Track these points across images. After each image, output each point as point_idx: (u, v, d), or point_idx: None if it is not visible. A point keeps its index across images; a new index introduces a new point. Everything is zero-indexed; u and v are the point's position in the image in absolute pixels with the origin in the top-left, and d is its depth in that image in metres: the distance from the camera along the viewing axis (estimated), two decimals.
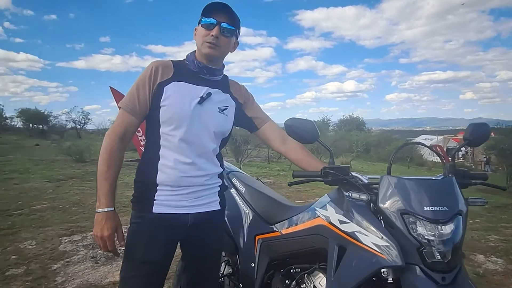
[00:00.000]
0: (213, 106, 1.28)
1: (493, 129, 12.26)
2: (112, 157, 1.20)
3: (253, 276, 1.49)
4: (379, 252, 1.01)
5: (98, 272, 2.85)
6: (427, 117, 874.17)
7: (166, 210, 1.22)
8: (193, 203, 1.25)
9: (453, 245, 0.98)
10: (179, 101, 1.21)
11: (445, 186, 1.08)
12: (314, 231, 1.27)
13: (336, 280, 1.10)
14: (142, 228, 1.22)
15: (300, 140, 1.28)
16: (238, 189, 1.73)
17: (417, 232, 0.99)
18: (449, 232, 0.98)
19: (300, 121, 1.27)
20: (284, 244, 1.41)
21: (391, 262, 0.98)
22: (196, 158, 1.24)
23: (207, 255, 1.34)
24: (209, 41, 1.22)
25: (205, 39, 1.23)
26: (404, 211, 1.01)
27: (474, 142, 1.27)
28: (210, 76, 1.29)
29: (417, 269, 0.97)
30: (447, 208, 1.00)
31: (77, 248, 3.37)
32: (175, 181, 1.22)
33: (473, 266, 3.22)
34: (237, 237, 1.62)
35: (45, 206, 5.01)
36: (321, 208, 1.27)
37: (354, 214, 1.12)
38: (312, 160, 1.40)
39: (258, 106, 1.46)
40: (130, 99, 1.23)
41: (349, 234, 1.10)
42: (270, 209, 1.56)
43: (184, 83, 1.24)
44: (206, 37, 1.23)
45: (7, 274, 2.74)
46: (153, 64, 1.25)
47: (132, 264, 1.21)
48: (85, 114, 27.42)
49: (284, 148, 1.43)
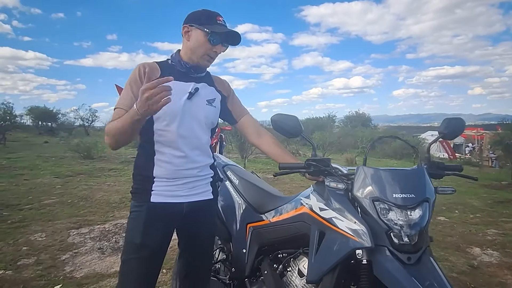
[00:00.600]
0: (202, 100, 1.38)
1: (499, 125, 12.13)
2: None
3: (244, 261, 1.60)
4: (352, 235, 1.11)
5: (104, 262, 2.99)
6: (434, 113, 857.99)
7: (162, 200, 1.32)
8: (187, 192, 1.36)
9: (419, 229, 1.07)
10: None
11: (415, 176, 1.17)
12: (299, 218, 1.37)
13: (316, 262, 1.20)
14: (141, 215, 1.32)
15: (285, 135, 1.38)
16: (232, 181, 1.84)
17: (387, 217, 1.09)
18: (416, 217, 1.07)
19: (285, 116, 1.37)
20: (272, 231, 1.51)
21: (362, 244, 1.08)
22: (189, 151, 1.34)
23: (201, 240, 1.45)
24: (211, 56, 1.34)
25: (208, 53, 1.33)
26: (375, 198, 1.11)
27: (448, 135, 1.35)
28: (197, 74, 1.39)
29: (386, 250, 1.07)
30: (414, 195, 1.09)
31: (84, 240, 3.52)
32: (170, 174, 1.32)
33: (468, 259, 3.28)
34: (230, 226, 1.73)
35: (54, 201, 5.19)
36: (305, 198, 1.37)
37: (333, 202, 1.22)
38: (283, 153, 1.49)
39: (238, 100, 1.55)
40: (126, 98, 1.29)
41: (328, 220, 1.20)
42: (261, 200, 1.66)
43: (172, 81, 1.33)
44: (210, 51, 1.33)
45: (19, 263, 2.90)
46: (140, 65, 1.32)
47: (133, 247, 1.31)
48: (93, 112, 27.75)
49: (258, 141, 1.52)
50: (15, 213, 4.43)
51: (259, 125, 1.56)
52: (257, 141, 1.53)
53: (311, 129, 17.78)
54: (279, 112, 1.39)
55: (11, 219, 4.17)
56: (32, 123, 26.10)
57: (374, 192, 1.11)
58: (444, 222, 4.59)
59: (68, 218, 4.28)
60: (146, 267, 1.31)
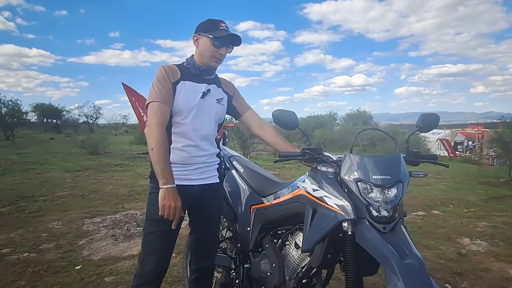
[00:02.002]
0: (213, 99, 1.62)
1: (500, 123, 12.25)
2: (161, 143, 1.44)
3: (248, 237, 1.84)
4: (339, 210, 1.34)
5: (118, 248, 3.24)
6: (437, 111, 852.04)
7: (178, 182, 1.52)
8: (198, 176, 1.60)
9: (394, 204, 1.29)
10: (187, 97, 1.54)
11: (393, 161, 1.39)
12: (296, 199, 1.60)
13: (309, 234, 1.43)
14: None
15: (284, 127, 1.61)
16: (238, 170, 2.08)
17: (367, 195, 1.31)
18: (391, 195, 1.30)
19: (284, 111, 1.60)
20: (273, 211, 1.74)
21: (346, 216, 1.31)
22: (200, 141, 1.58)
23: (209, 217, 1.69)
24: (218, 57, 1.57)
25: (214, 55, 1.56)
26: (358, 179, 1.33)
27: (424, 128, 1.58)
28: (208, 76, 1.64)
29: (366, 222, 1.29)
30: (390, 177, 1.32)
31: (98, 228, 3.78)
32: (183, 160, 1.56)
33: (457, 248, 3.48)
34: (236, 208, 1.97)
35: (66, 193, 5.46)
36: (301, 182, 1.60)
37: (324, 183, 1.45)
38: (283, 143, 1.74)
39: (242, 98, 1.79)
40: (158, 92, 1.48)
41: (319, 199, 1.43)
42: (263, 185, 1.90)
43: (189, 82, 1.57)
44: (215, 54, 1.56)
45: (41, 247, 3.17)
46: (163, 67, 1.54)
47: (153, 223, 1.54)
48: (97, 109, 28.07)
49: (262, 132, 1.77)
50: (31, 204, 4.71)
51: (262, 119, 1.81)
52: (260, 132, 1.76)
53: (312, 127, 17.97)
54: (279, 108, 1.62)
55: (28, 209, 4.44)
56: (37, 120, 26.42)
57: (357, 174, 1.34)
58: (437, 215, 4.80)
59: (81, 209, 4.55)
60: (164, 237, 1.54)
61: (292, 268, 1.59)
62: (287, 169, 9.51)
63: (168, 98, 1.51)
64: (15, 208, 4.50)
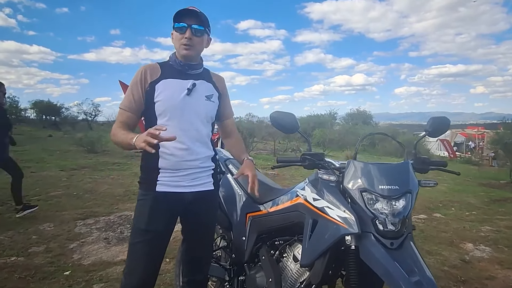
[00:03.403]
0: (201, 95, 1.49)
1: (500, 124, 12.17)
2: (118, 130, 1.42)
3: (243, 247, 1.72)
4: (341, 223, 1.22)
5: (110, 251, 3.13)
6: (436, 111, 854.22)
7: (167, 189, 1.43)
8: (190, 183, 1.47)
9: (402, 217, 1.18)
10: (170, 95, 1.43)
11: (400, 169, 1.28)
12: (294, 208, 1.49)
13: (308, 248, 1.32)
14: (147, 203, 1.44)
15: (282, 131, 1.49)
16: (233, 174, 1.96)
17: (373, 207, 1.20)
18: (399, 207, 1.19)
19: (283, 114, 1.48)
20: (270, 220, 1.63)
21: (350, 230, 1.19)
22: (191, 143, 1.45)
23: (202, 228, 1.57)
24: (184, 43, 1.43)
25: (181, 42, 1.44)
26: (363, 189, 1.22)
27: (433, 133, 1.47)
28: (192, 71, 1.51)
29: (371, 236, 1.18)
30: (398, 187, 1.20)
31: (91, 230, 3.66)
32: (173, 165, 1.44)
33: (461, 254, 3.38)
34: (231, 215, 1.85)
35: (60, 193, 5.34)
36: (300, 189, 1.49)
37: (325, 192, 1.34)
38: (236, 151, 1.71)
39: (229, 101, 1.67)
40: (127, 99, 1.45)
41: (320, 209, 1.32)
42: (260, 191, 1.77)
43: (171, 80, 1.46)
44: (181, 40, 1.44)
45: (30, 251, 3.05)
46: (142, 68, 1.46)
47: (139, 232, 1.43)
48: (96, 106, 27.87)
49: (226, 140, 1.76)
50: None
51: (235, 129, 1.76)
52: (225, 140, 1.75)
53: (312, 126, 17.86)
54: (278, 110, 1.50)
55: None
56: (36, 117, 26.28)
57: (362, 184, 1.23)
58: (439, 219, 4.70)
59: (74, 209, 4.43)
60: (150, 249, 1.43)
61: (289, 283, 1.47)
62: (287, 169, 9.40)
63: (134, 104, 1.45)
64: (7, 208, 4.38)
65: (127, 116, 1.45)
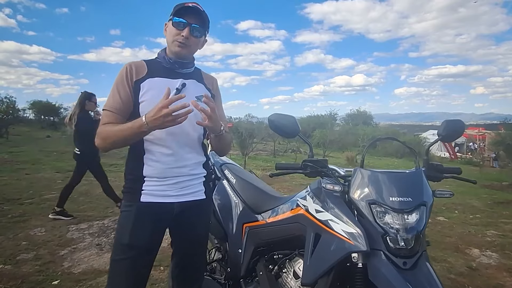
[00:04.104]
0: (191, 96, 1.31)
1: (501, 125, 12.06)
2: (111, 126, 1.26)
3: (239, 261, 1.59)
4: (348, 239, 1.10)
5: (102, 259, 3.00)
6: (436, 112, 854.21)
7: (152, 199, 1.30)
8: (178, 192, 1.33)
9: (416, 233, 1.06)
10: (156, 95, 1.24)
11: (413, 179, 1.15)
12: (295, 220, 1.36)
13: (311, 265, 1.19)
14: (130, 215, 1.29)
15: (282, 135, 1.36)
16: (229, 180, 1.83)
17: (383, 221, 1.07)
18: (412, 221, 1.06)
19: (283, 116, 1.35)
20: (268, 232, 1.50)
21: (358, 247, 1.07)
22: (178, 148, 1.32)
23: (193, 240, 1.43)
24: (179, 40, 1.30)
25: (176, 38, 1.30)
26: (371, 201, 1.09)
27: (447, 137, 1.34)
28: (183, 70, 1.37)
29: (382, 254, 1.06)
30: (411, 199, 1.08)
31: (83, 236, 3.53)
32: (160, 173, 1.30)
33: (467, 260, 3.27)
34: (227, 225, 1.72)
35: (55, 196, 5.18)
36: (301, 199, 1.36)
37: (329, 204, 1.21)
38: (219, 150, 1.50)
39: (221, 103, 1.53)
40: (113, 100, 1.29)
41: (323, 222, 1.19)
42: (258, 200, 1.65)
43: (158, 78, 1.32)
44: (177, 37, 1.30)
45: (18, 258, 2.92)
46: (127, 65, 1.32)
47: (121, 248, 1.29)
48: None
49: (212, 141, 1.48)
50: (15, 208, 4.46)
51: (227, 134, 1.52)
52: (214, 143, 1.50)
53: (312, 127, 17.74)
54: (277, 112, 1.37)
55: (12, 213, 4.19)
56: (35, 117, 26.13)
57: (370, 194, 1.10)
58: (443, 222, 4.59)
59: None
60: (134, 267, 1.28)
61: None
62: None
63: (122, 105, 1.29)
64: None
65: (115, 118, 1.28)
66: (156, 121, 1.13)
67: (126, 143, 1.26)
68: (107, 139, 1.25)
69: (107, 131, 1.25)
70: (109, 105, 1.29)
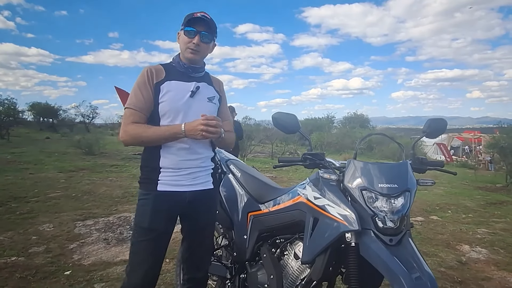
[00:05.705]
0: (203, 97, 1.53)
1: (496, 128, 12.28)
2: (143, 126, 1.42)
3: (245, 246, 1.75)
4: (342, 220, 1.26)
5: (110, 252, 3.14)
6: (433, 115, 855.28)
7: (168, 188, 1.46)
8: (190, 182, 1.50)
9: (401, 214, 1.22)
10: (174, 96, 1.46)
11: (399, 169, 1.32)
12: (296, 207, 1.52)
13: (309, 245, 1.35)
14: (148, 202, 1.46)
15: (284, 131, 1.53)
16: (235, 174, 1.99)
17: (373, 204, 1.24)
18: (398, 205, 1.22)
19: (285, 114, 1.52)
20: (271, 219, 1.66)
21: (350, 227, 1.23)
22: (192, 143, 1.48)
23: (202, 226, 1.59)
24: (191, 47, 1.47)
25: (188, 46, 1.48)
26: (363, 188, 1.26)
27: (430, 134, 1.51)
28: (195, 74, 1.54)
29: (371, 233, 1.22)
30: (397, 185, 1.24)
31: (90, 231, 3.67)
32: (175, 164, 1.47)
33: (457, 255, 3.41)
34: (233, 214, 1.88)
35: (59, 194, 5.33)
36: (301, 188, 1.52)
37: (326, 191, 1.37)
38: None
39: (226, 104, 1.68)
40: (136, 98, 1.44)
41: (321, 207, 1.35)
42: (261, 191, 1.82)
43: (175, 82, 1.49)
44: (189, 44, 1.48)
45: (30, 251, 3.06)
46: (147, 68, 1.48)
47: (141, 231, 1.46)
48: (93, 109, 27.76)
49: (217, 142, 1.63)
50: (22, 205, 4.59)
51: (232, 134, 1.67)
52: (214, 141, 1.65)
53: (310, 129, 17.91)
54: (279, 111, 1.53)
55: (19, 210, 4.32)
56: (34, 119, 26.16)
57: (362, 182, 1.26)
58: (436, 221, 4.74)
59: (73, 210, 4.43)
60: (153, 247, 1.45)
61: (290, 280, 1.50)
62: (284, 171, 9.43)
63: (145, 104, 1.45)
64: (6, 209, 4.38)
65: (140, 117, 1.43)
66: (194, 131, 1.37)
67: (156, 143, 1.43)
68: (137, 137, 1.42)
69: (137, 131, 1.41)
70: (133, 104, 1.44)
